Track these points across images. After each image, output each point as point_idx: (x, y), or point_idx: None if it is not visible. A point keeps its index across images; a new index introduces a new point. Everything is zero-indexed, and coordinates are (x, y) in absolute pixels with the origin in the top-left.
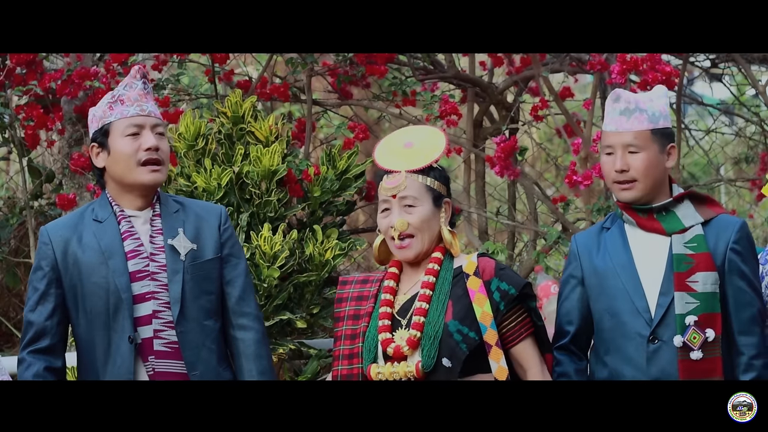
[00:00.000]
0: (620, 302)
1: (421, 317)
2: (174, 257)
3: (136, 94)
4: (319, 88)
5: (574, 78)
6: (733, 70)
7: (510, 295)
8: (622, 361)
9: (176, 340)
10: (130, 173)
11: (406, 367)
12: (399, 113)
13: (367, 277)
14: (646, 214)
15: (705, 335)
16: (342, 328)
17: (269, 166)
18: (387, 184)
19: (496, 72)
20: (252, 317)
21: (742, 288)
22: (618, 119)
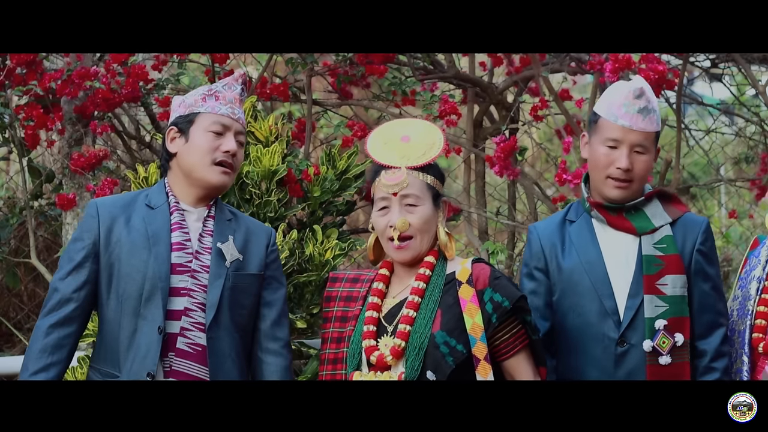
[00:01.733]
0: (588, 301)
1: (407, 326)
2: (219, 261)
3: (232, 96)
4: (319, 88)
5: (573, 80)
6: (733, 70)
7: (503, 308)
8: (588, 362)
9: (201, 343)
10: (202, 168)
11: (389, 377)
12: (399, 113)
13: (358, 275)
14: (616, 213)
15: (674, 340)
16: (329, 329)
17: (269, 166)
18: (387, 180)
19: (496, 72)
20: (283, 344)
21: (706, 291)
22: (635, 116)
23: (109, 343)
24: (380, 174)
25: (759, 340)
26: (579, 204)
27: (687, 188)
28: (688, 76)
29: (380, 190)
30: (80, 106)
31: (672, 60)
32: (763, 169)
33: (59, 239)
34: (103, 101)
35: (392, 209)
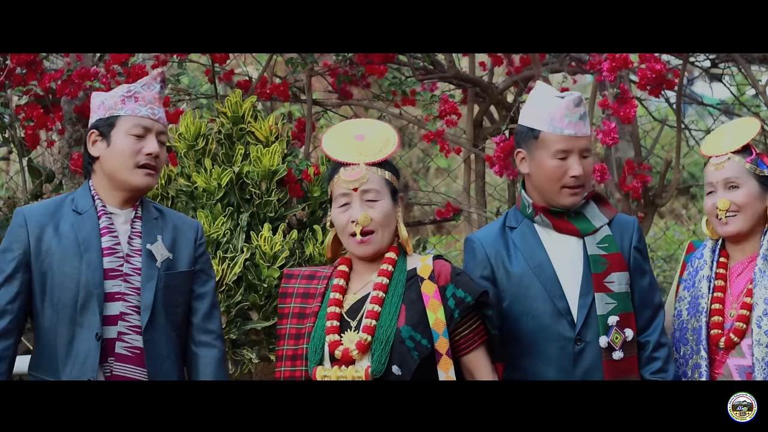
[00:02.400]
0: (540, 304)
1: (373, 320)
2: (150, 263)
3: (151, 96)
4: (319, 88)
5: (573, 79)
6: (733, 70)
7: (466, 303)
8: (545, 363)
9: (139, 346)
10: (125, 172)
11: (355, 372)
12: (399, 113)
13: (314, 272)
14: (559, 216)
15: (625, 335)
16: (286, 326)
17: (269, 166)
18: (346, 176)
19: (496, 72)
20: (215, 336)
21: (645, 286)
22: (578, 124)
23: (46, 352)
24: (339, 171)
25: (718, 336)
26: (516, 210)
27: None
28: (688, 76)
29: (340, 187)
30: (80, 106)
31: (672, 60)
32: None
33: None
34: None
35: (353, 205)
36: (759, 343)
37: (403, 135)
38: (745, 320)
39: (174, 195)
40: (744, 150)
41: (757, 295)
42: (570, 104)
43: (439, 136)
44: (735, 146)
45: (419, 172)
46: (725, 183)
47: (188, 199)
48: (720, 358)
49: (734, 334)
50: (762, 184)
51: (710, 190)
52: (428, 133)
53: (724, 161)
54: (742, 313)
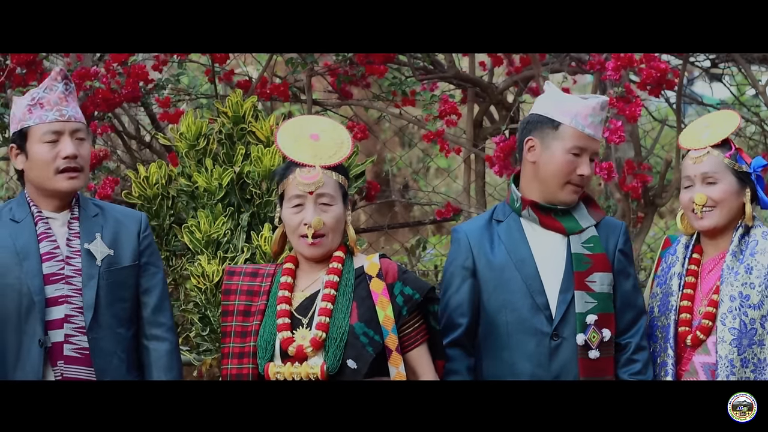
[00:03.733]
0: (520, 297)
1: (326, 317)
2: (90, 262)
3: (56, 98)
4: (319, 88)
5: (573, 79)
6: (733, 70)
7: (414, 300)
8: (522, 357)
9: (87, 346)
10: (48, 180)
11: (309, 368)
12: (399, 113)
13: (257, 269)
14: (547, 213)
15: (602, 335)
16: (231, 323)
17: (270, 166)
18: (303, 179)
19: (496, 72)
20: (166, 328)
21: (628, 289)
22: (598, 126)
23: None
24: (294, 171)
25: (686, 333)
26: (505, 205)
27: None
28: (688, 76)
29: (295, 188)
30: (80, 106)
31: (672, 60)
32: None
33: None
34: (103, 101)
35: (307, 207)
36: (723, 340)
37: (403, 135)
38: (711, 317)
39: (175, 195)
40: (723, 144)
41: (723, 292)
42: (597, 106)
43: (439, 136)
44: (714, 140)
45: (419, 172)
46: (703, 177)
47: (189, 199)
48: (687, 355)
49: (701, 332)
50: (740, 180)
51: (687, 184)
52: (428, 133)
53: (702, 155)
54: (709, 311)
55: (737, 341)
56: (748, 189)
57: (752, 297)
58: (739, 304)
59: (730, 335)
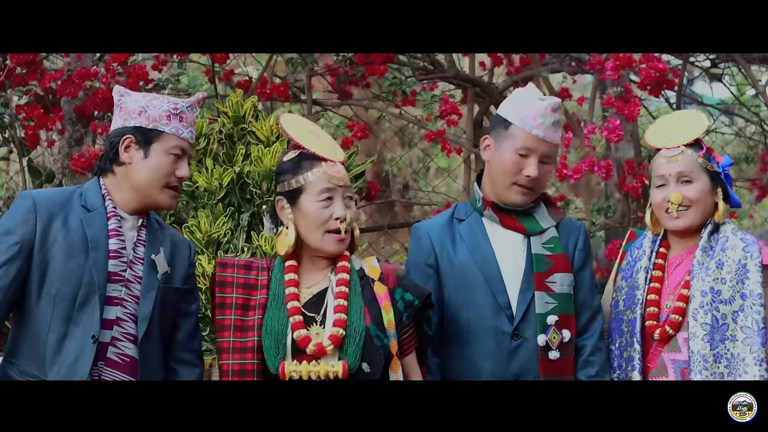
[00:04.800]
0: (481, 296)
1: (342, 314)
2: (151, 273)
3: (193, 119)
4: (319, 88)
5: (572, 79)
6: (733, 70)
7: (414, 306)
8: (482, 356)
9: (129, 354)
10: (154, 189)
11: (330, 367)
12: (399, 113)
13: (249, 263)
14: (508, 214)
15: (562, 336)
16: (230, 317)
17: (270, 166)
18: (334, 172)
19: (496, 72)
20: (197, 355)
21: (586, 289)
22: (549, 128)
23: (34, 343)
24: (319, 165)
25: (653, 327)
26: (467, 204)
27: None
28: (688, 76)
29: (326, 181)
30: (80, 106)
31: (672, 60)
32: (763, 169)
33: None
34: (103, 101)
35: (336, 201)
36: (695, 335)
37: (403, 135)
38: (682, 313)
39: None
40: (695, 144)
41: (694, 287)
42: (548, 107)
43: (440, 136)
44: (686, 139)
45: (419, 172)
46: (678, 176)
47: (189, 199)
48: (654, 350)
49: (669, 327)
50: (712, 180)
51: (661, 183)
52: (430, 132)
53: (677, 154)
54: (679, 306)
55: (709, 336)
56: (720, 188)
57: (723, 292)
58: (711, 300)
59: (702, 330)
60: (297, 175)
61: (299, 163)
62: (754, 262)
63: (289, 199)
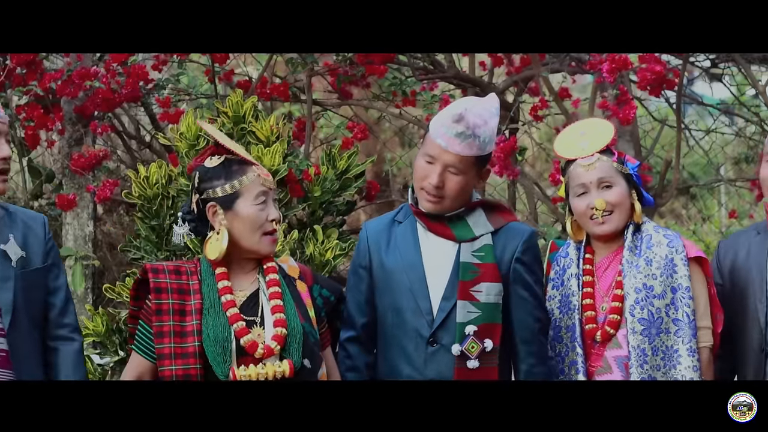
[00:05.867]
0: (404, 300)
1: (281, 314)
2: (5, 263)
3: None
4: (319, 88)
5: (572, 79)
6: (733, 70)
7: (331, 303)
8: (401, 359)
9: (4, 348)
10: None
11: (277, 367)
12: (399, 113)
13: (178, 267)
14: (438, 220)
15: (483, 345)
16: (168, 323)
17: (270, 166)
18: (266, 175)
19: (496, 72)
20: (72, 328)
21: (525, 297)
22: (451, 139)
23: None
24: (251, 169)
25: (594, 330)
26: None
27: (687, 188)
28: (688, 76)
29: (260, 185)
30: (80, 106)
31: (672, 60)
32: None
33: (59, 239)
34: (103, 101)
35: (269, 204)
36: (633, 331)
37: (403, 135)
38: (619, 312)
39: (175, 195)
40: (607, 150)
41: (628, 285)
42: (449, 118)
43: None
44: (599, 146)
45: None
46: (599, 182)
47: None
48: (597, 351)
49: (609, 327)
50: (627, 183)
51: (581, 191)
52: None
53: (594, 162)
54: (615, 305)
55: (647, 331)
56: (634, 190)
57: (655, 288)
58: (645, 296)
59: (640, 326)
60: (231, 180)
61: (230, 168)
62: (680, 256)
63: (222, 205)
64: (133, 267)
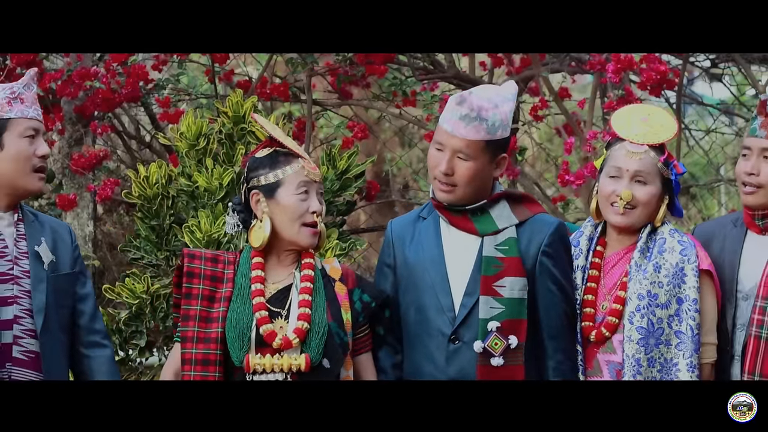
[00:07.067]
0: (427, 297)
1: (307, 309)
2: (38, 265)
3: (33, 97)
4: (319, 88)
5: (572, 78)
6: (733, 70)
7: (371, 308)
8: (424, 357)
9: (34, 350)
10: (21, 177)
11: (293, 360)
12: (399, 113)
13: (216, 256)
14: (460, 214)
15: (508, 342)
16: (195, 307)
17: None
18: (311, 168)
19: (496, 72)
20: (103, 335)
21: (552, 291)
22: (456, 123)
23: None
24: (296, 160)
25: (590, 329)
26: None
27: (687, 188)
28: (688, 76)
29: (304, 176)
30: (80, 106)
31: (672, 60)
32: None
33: None
34: (103, 101)
35: (311, 196)
36: (630, 339)
37: (403, 135)
38: (618, 315)
39: (175, 195)
40: (659, 147)
41: (631, 290)
42: (452, 101)
43: None
44: (655, 141)
45: (419, 172)
46: (634, 174)
47: (189, 199)
48: (589, 351)
49: (606, 329)
50: (664, 186)
51: (615, 175)
52: (429, 132)
53: (641, 152)
54: (615, 308)
55: (644, 340)
56: (668, 195)
57: (660, 296)
58: (647, 303)
59: (638, 334)
60: (275, 169)
61: (276, 158)
62: (692, 266)
63: (265, 193)
64: (133, 267)
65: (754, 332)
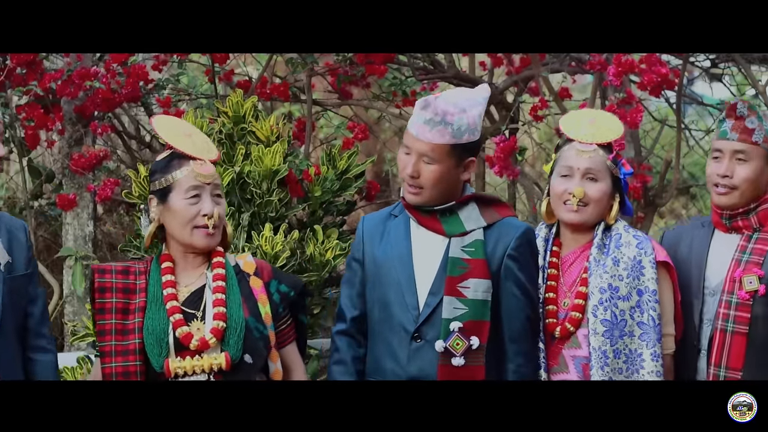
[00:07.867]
0: (392, 294)
1: (222, 308)
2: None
3: None
4: (319, 88)
5: (572, 79)
6: (733, 70)
7: (290, 298)
8: (386, 353)
9: None
10: None
11: (213, 360)
12: (399, 113)
13: (127, 267)
14: (429, 214)
15: (469, 342)
16: (110, 321)
17: (270, 166)
18: (203, 171)
19: (496, 72)
20: (50, 339)
21: (516, 295)
22: (420, 126)
23: None
24: (188, 164)
25: (553, 326)
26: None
27: (687, 188)
28: (688, 76)
29: (193, 179)
30: (80, 106)
31: (672, 60)
32: None
33: (59, 239)
34: (103, 101)
35: (204, 199)
36: (595, 332)
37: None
38: (581, 310)
39: None
40: (607, 146)
41: (593, 285)
42: (417, 105)
43: None
44: (603, 140)
45: None
46: (585, 172)
47: None
48: (554, 348)
49: (570, 324)
50: (614, 184)
51: (566, 173)
52: None
53: (590, 151)
54: (577, 303)
55: (609, 333)
56: (618, 193)
57: (621, 289)
58: (609, 296)
59: (603, 327)
60: (166, 174)
61: (170, 162)
62: (649, 258)
63: (159, 197)
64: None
65: (719, 326)
